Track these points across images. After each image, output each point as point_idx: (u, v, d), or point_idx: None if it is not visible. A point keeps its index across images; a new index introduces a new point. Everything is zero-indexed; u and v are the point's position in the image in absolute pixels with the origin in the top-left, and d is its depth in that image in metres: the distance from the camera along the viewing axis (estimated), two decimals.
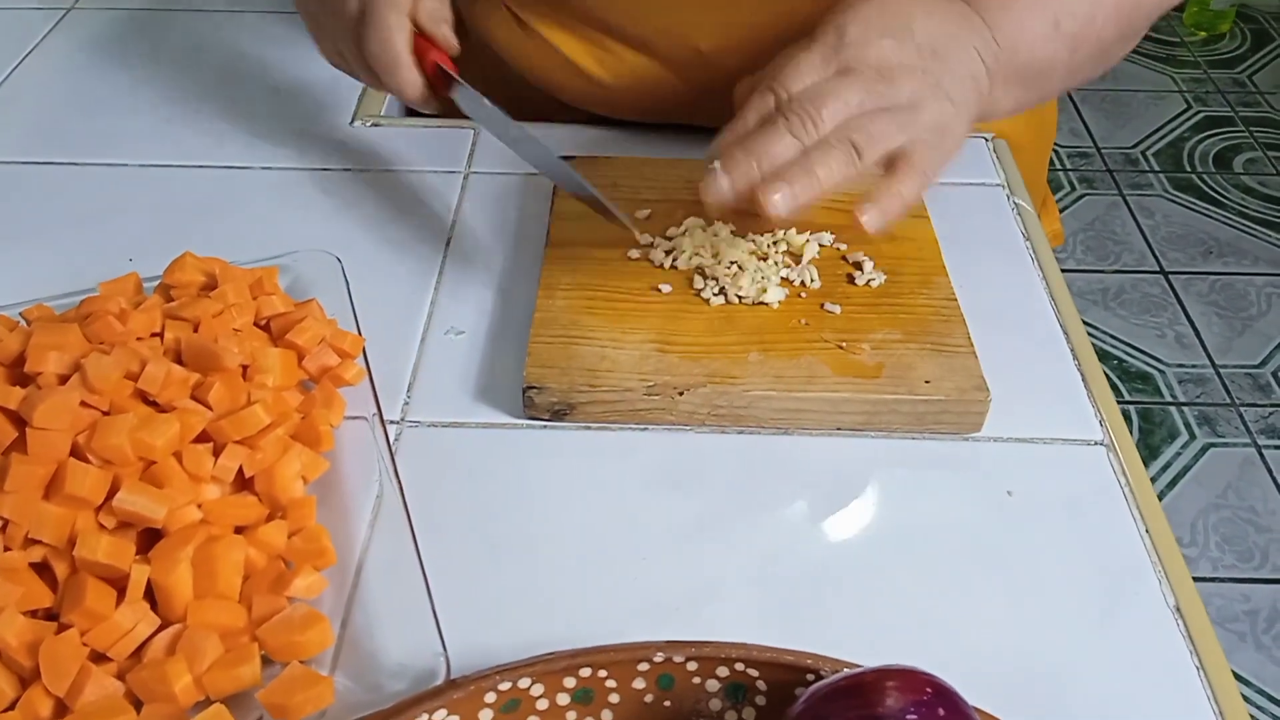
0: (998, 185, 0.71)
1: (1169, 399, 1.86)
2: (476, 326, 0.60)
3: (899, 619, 0.47)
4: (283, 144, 0.74)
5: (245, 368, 0.50)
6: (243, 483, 0.47)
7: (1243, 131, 2.48)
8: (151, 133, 0.75)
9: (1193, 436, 1.79)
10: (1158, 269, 2.12)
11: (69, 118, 0.77)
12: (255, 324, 0.54)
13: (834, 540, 0.50)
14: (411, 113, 0.80)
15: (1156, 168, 2.38)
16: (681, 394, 0.53)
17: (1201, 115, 2.53)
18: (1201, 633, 0.47)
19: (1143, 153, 2.43)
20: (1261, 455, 1.76)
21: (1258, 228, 2.20)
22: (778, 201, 0.46)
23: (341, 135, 0.75)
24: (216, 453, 0.46)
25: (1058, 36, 0.56)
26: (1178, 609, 0.48)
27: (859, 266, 0.60)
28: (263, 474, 0.47)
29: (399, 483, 0.48)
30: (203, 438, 0.47)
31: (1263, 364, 1.92)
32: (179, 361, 0.49)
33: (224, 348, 0.48)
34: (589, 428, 0.55)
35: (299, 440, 0.49)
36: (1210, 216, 2.24)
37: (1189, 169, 2.37)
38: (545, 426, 0.55)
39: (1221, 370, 1.91)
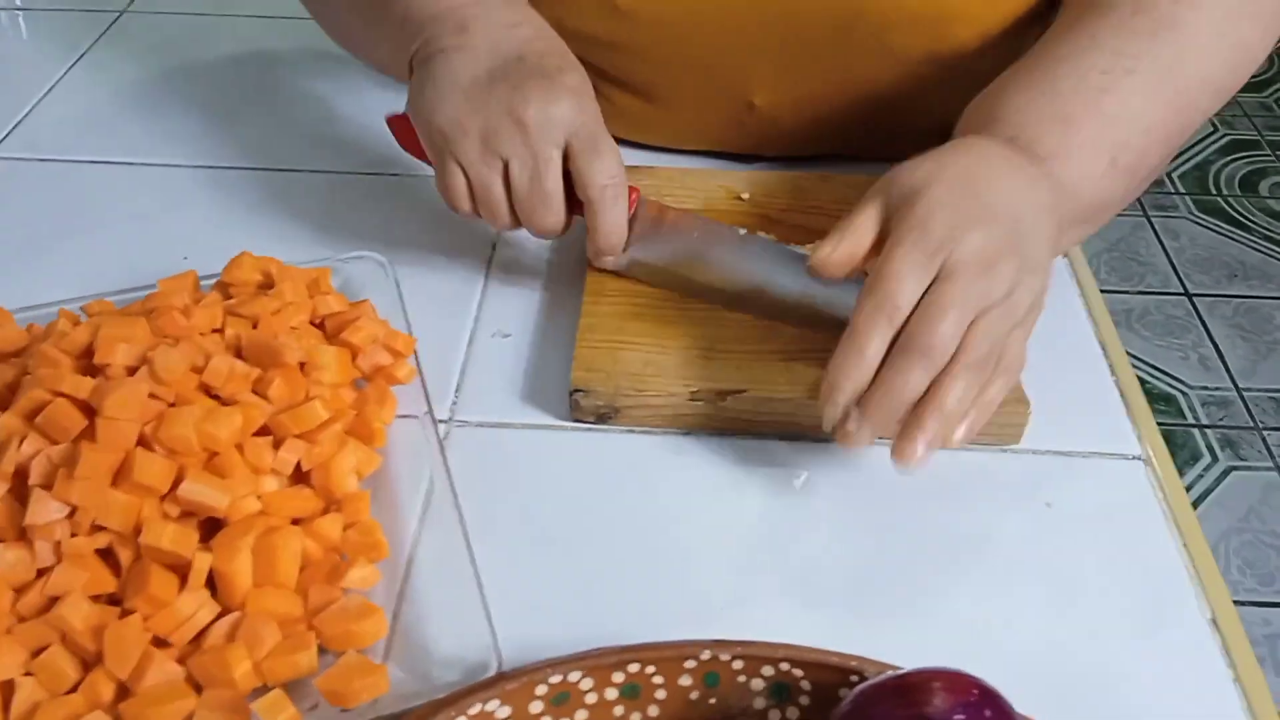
0: None
1: (1191, 421, 1.86)
2: (523, 329, 0.62)
3: (941, 625, 0.48)
4: (333, 147, 0.76)
5: (302, 365, 0.52)
6: (300, 476, 0.48)
7: (1269, 155, 2.47)
8: (204, 134, 0.77)
9: (1215, 459, 1.79)
10: (1182, 291, 2.12)
11: (124, 118, 0.79)
12: (310, 323, 0.55)
13: (876, 547, 0.51)
14: None
15: (1182, 190, 2.37)
16: (725, 399, 0.54)
17: (1228, 139, 2.53)
18: (1238, 646, 0.48)
19: (1168, 175, 2.43)
20: None
21: None
22: (910, 460, 0.47)
23: (389, 140, 0.76)
24: (276, 446, 0.47)
25: (1115, 173, 0.55)
26: (1214, 622, 0.48)
27: None
28: (320, 468, 0.48)
29: (450, 478, 0.49)
30: (263, 431, 0.48)
31: None
32: (239, 357, 0.51)
33: (284, 344, 0.49)
34: (634, 431, 0.56)
35: (353, 436, 0.50)
36: (1235, 240, 2.23)
37: (1215, 192, 2.37)
38: (590, 429, 0.56)
39: (1245, 393, 1.90)
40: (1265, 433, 1.83)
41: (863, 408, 0.47)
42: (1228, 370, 1.95)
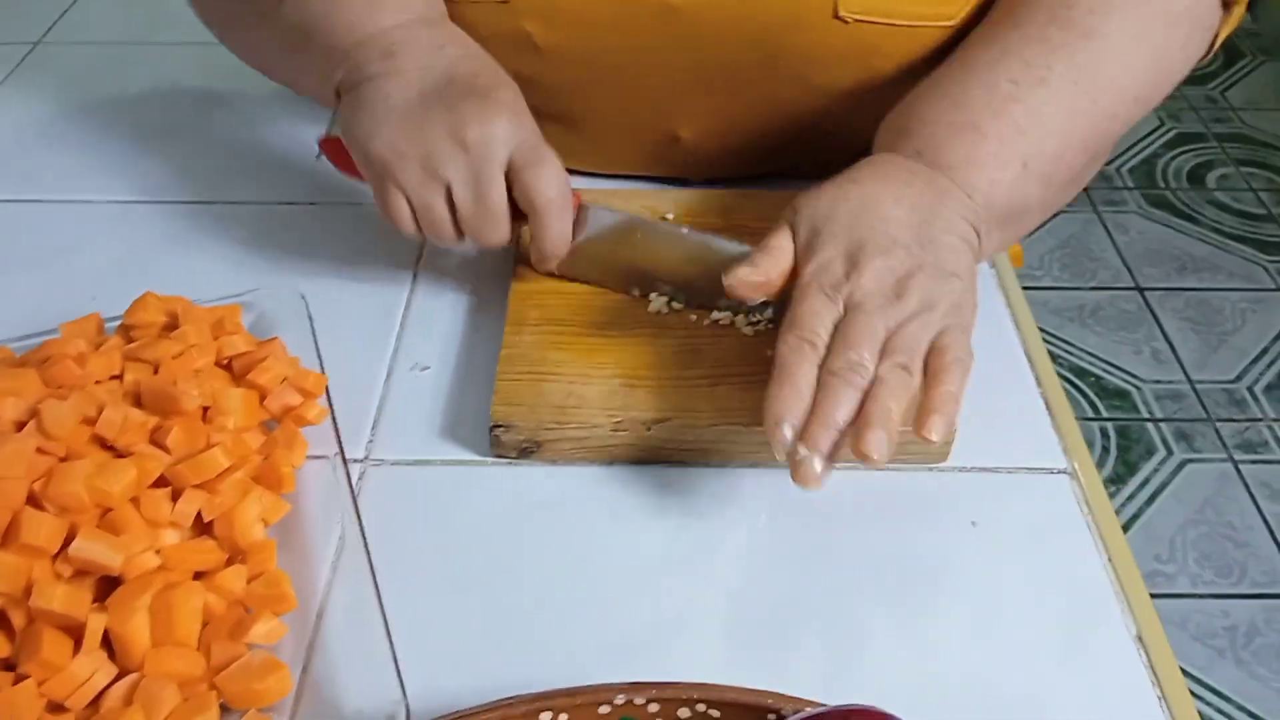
0: None
1: (1146, 415, 1.87)
2: (443, 362, 0.60)
3: (864, 653, 0.47)
4: (249, 177, 0.74)
5: (206, 409, 0.50)
6: (202, 527, 0.47)
7: (1215, 147, 2.49)
8: (116, 168, 0.75)
9: (1170, 452, 1.80)
10: (1133, 285, 2.13)
11: (33, 154, 0.77)
12: (217, 364, 0.53)
13: (799, 574, 0.50)
14: None
15: (1131, 184, 2.39)
16: (649, 429, 0.53)
17: (1174, 132, 2.55)
18: (1163, 661, 0.47)
19: (1117, 170, 2.45)
20: (1238, 470, 1.76)
21: (1231, 243, 2.22)
22: (875, 450, 0.46)
23: (307, 168, 0.75)
24: (175, 497, 0.46)
25: (1029, 177, 0.56)
26: (1139, 638, 0.48)
27: None
28: (222, 518, 0.46)
29: (360, 525, 0.48)
30: (161, 482, 0.46)
31: (1238, 379, 1.93)
32: (139, 404, 0.49)
33: (183, 391, 0.48)
34: (556, 464, 0.55)
35: (260, 482, 0.49)
36: (1184, 233, 2.25)
37: (1163, 185, 2.39)
38: (511, 464, 0.55)
39: (1198, 386, 1.92)
40: (1218, 424, 1.85)
41: (805, 438, 0.47)
42: (1180, 363, 1.96)
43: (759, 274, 0.53)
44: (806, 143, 0.70)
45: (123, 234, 0.69)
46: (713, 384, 0.55)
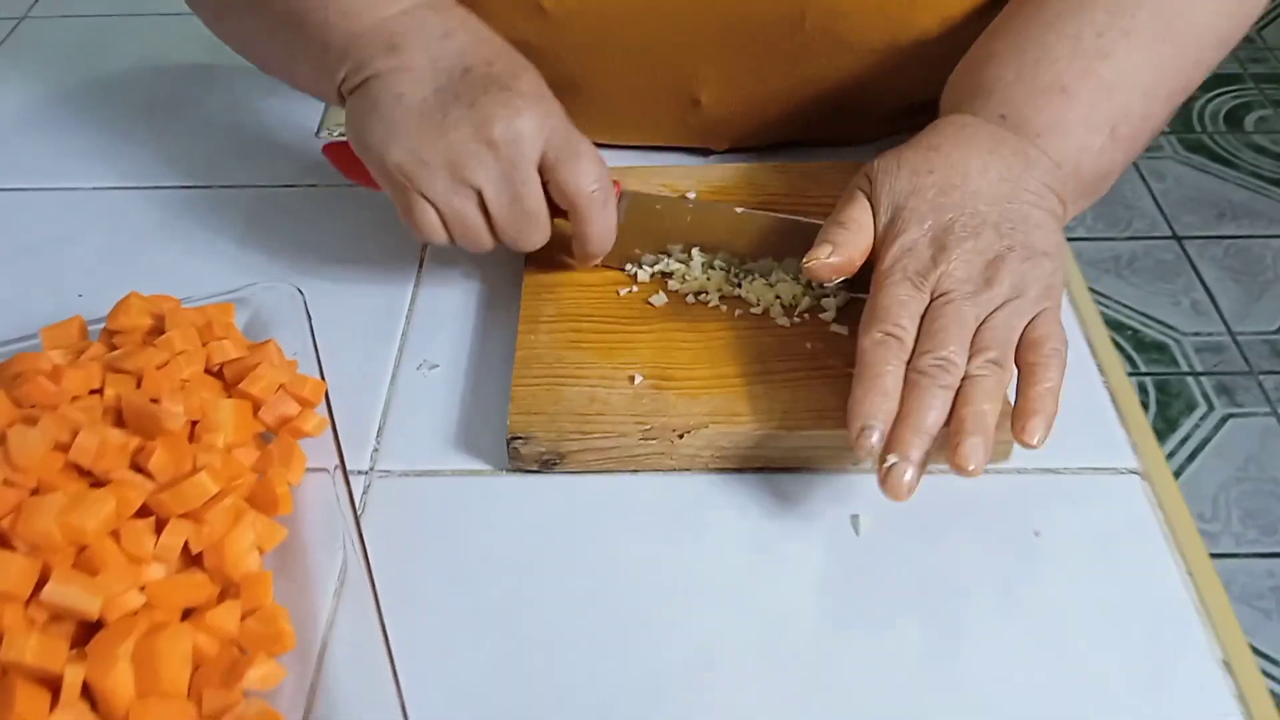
0: None
1: (1186, 369, 1.81)
2: (454, 359, 0.56)
3: (914, 685, 0.42)
4: (245, 159, 0.69)
5: (195, 423, 0.46)
6: (191, 558, 0.43)
7: (1253, 89, 2.41)
8: (101, 152, 0.71)
9: (1211, 407, 1.74)
10: (1170, 234, 2.07)
11: (14, 139, 0.73)
12: (207, 371, 0.49)
13: (841, 598, 0.46)
14: None
15: (1166, 129, 2.31)
16: (682, 437, 0.48)
17: (1211, 73, 2.46)
18: (1253, 691, 0.42)
19: None
20: None
21: (1271, 188, 2.14)
22: (972, 460, 0.43)
23: (306, 147, 0.70)
24: (159, 528, 0.42)
25: (1115, 143, 0.52)
26: (1226, 664, 0.43)
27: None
28: (211, 549, 0.42)
29: (365, 553, 0.44)
30: (144, 511, 0.42)
31: None
32: (121, 422, 0.45)
33: (165, 410, 0.44)
34: (580, 474, 0.50)
35: (254, 504, 0.45)
36: (1222, 178, 2.18)
37: (1199, 129, 2.31)
38: (531, 475, 0.50)
39: (1239, 337, 1.86)
40: (1261, 377, 1.79)
41: (895, 445, 0.44)
42: (1220, 315, 1.90)
43: (841, 254, 0.49)
44: (836, 107, 0.64)
45: (110, 224, 0.65)
46: (749, 383, 0.50)
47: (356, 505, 0.48)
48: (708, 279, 0.55)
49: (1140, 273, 1.99)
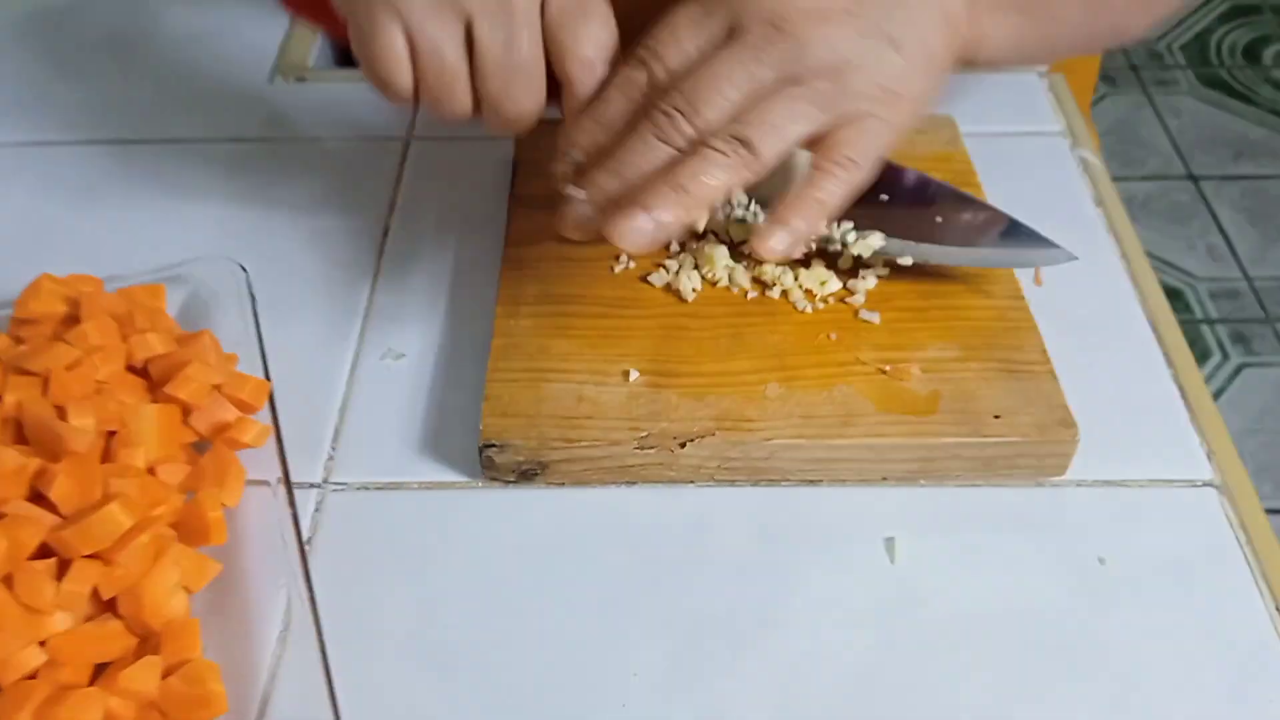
0: (1057, 133, 0.58)
1: (1200, 315, 1.75)
2: (423, 348, 0.48)
3: None
4: (188, 109, 0.61)
5: (113, 434, 0.39)
6: (104, 603, 0.36)
7: (1272, 20, 2.32)
8: (20, 100, 0.62)
9: (1226, 356, 1.69)
10: (1186, 174, 1.99)
11: None
12: (129, 369, 0.42)
13: (876, 632, 0.39)
14: (347, 63, 0.66)
15: (1182, 62, 2.22)
16: (684, 445, 0.41)
17: (1228, 4, 2.38)
18: None
19: (1167, 46, 2.28)
20: None
21: None
22: (629, 234, 0.37)
23: (259, 95, 0.62)
24: (62, 571, 0.35)
25: None
26: None
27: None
28: (127, 594, 0.35)
29: (310, 591, 0.37)
30: (45, 551, 0.35)
31: None
32: (21, 438, 0.38)
33: (69, 428, 0.36)
34: (565, 486, 0.43)
35: (181, 532, 0.38)
36: (1240, 115, 2.10)
37: (1216, 62, 2.22)
38: (509, 487, 0.43)
39: (1256, 283, 1.80)
40: (1278, 325, 1.73)
41: (583, 179, 0.38)
42: (1236, 259, 1.83)
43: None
44: None
45: (26, 186, 0.57)
46: (760, 381, 0.43)
47: (306, 528, 0.41)
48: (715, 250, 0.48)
49: (1154, 214, 1.92)
